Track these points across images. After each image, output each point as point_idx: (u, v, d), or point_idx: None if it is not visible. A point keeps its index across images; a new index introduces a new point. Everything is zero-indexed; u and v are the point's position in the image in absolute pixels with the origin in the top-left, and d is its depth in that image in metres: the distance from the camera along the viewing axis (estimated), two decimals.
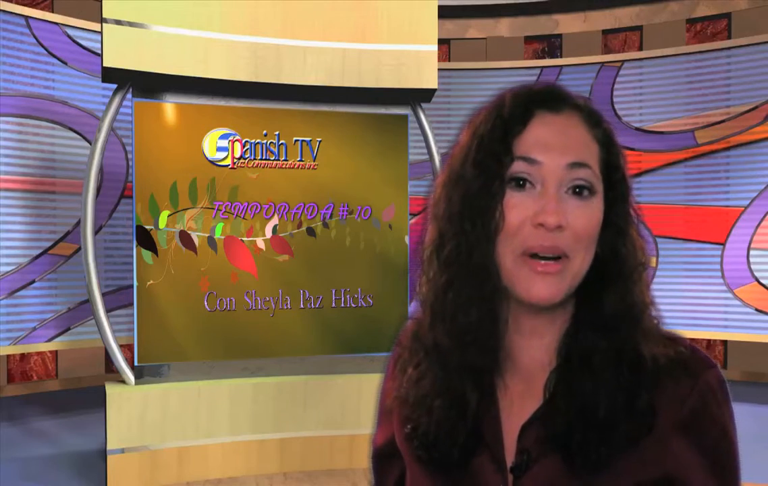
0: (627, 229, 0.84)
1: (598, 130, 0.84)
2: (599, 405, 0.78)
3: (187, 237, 4.40)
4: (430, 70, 4.66)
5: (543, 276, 0.79)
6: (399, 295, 4.69)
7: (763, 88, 5.63)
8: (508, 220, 0.80)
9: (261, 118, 4.57)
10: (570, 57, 6.45)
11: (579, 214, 0.80)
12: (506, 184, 0.81)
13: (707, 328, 5.76)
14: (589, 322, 0.82)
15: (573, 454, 0.78)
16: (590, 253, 0.81)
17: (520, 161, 0.81)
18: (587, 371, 0.80)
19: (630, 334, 0.81)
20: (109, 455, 4.11)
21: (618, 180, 0.84)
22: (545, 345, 0.85)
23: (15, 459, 4.55)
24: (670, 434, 0.79)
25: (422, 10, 4.66)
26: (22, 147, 5.01)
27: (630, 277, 0.83)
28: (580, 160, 0.81)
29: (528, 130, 0.82)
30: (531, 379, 0.85)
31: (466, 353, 0.84)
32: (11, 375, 5.53)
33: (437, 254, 0.86)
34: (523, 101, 0.84)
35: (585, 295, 0.84)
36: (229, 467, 4.36)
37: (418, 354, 0.88)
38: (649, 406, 0.78)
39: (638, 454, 0.78)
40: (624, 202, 0.84)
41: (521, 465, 0.81)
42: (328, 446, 4.47)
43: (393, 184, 4.76)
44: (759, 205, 5.62)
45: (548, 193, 0.79)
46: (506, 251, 0.81)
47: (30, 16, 5.08)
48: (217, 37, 4.36)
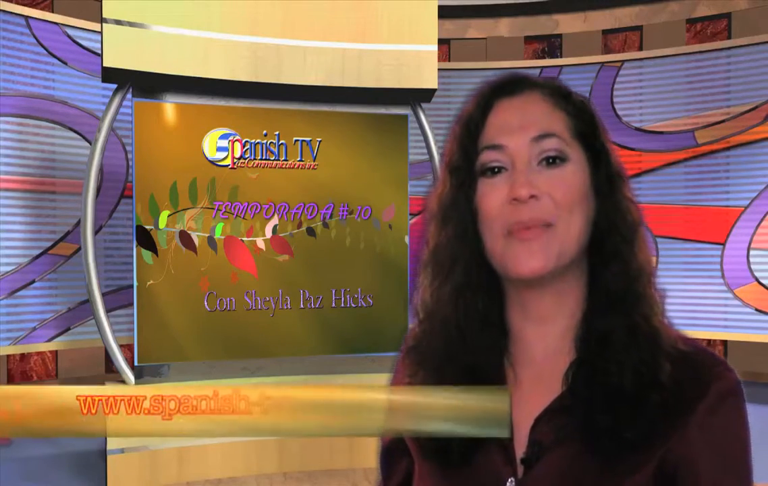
0: (613, 194, 0.84)
1: (565, 102, 0.84)
2: (624, 380, 0.77)
3: (187, 237, 4.40)
4: (430, 70, 4.66)
5: (528, 246, 0.79)
6: (399, 295, 4.69)
7: (763, 88, 5.62)
8: (485, 207, 0.82)
9: (261, 118, 4.57)
10: (570, 57, 6.45)
11: (554, 181, 0.80)
12: (479, 176, 0.83)
13: (707, 328, 5.76)
14: (600, 302, 0.82)
15: (599, 438, 0.77)
16: (577, 218, 0.81)
17: (486, 151, 0.83)
18: (607, 353, 0.79)
19: (638, 307, 0.81)
20: (109, 455, 4.11)
21: (597, 147, 0.84)
22: (559, 332, 0.84)
23: (15, 459, 4.55)
24: (687, 427, 0.78)
25: (422, 10, 4.66)
26: (22, 147, 5.01)
27: (626, 243, 0.83)
28: (544, 131, 0.81)
29: (489, 120, 0.84)
30: (544, 370, 0.84)
31: (461, 354, 0.84)
32: (11, 375, 5.53)
33: (425, 260, 0.88)
34: (483, 96, 0.86)
35: (592, 274, 0.84)
36: (229, 467, 4.36)
37: (413, 363, 0.89)
38: (672, 380, 0.78)
39: (656, 441, 0.77)
40: (606, 168, 0.84)
41: (532, 456, 0.81)
42: (327, 446, 4.47)
43: (393, 184, 4.76)
44: (759, 205, 5.62)
45: (517, 169, 0.81)
46: (492, 237, 0.82)
47: (30, 16, 5.07)
48: (217, 37, 4.36)
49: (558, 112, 0.83)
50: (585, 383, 0.80)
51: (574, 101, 0.85)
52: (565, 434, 0.79)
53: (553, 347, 0.84)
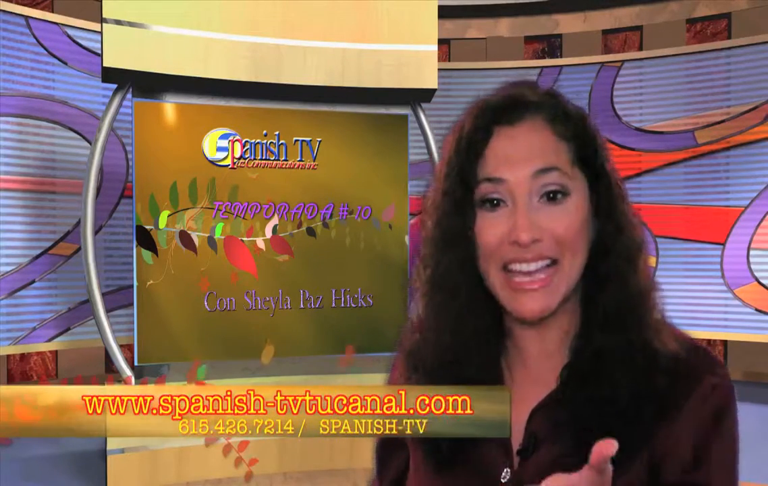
0: (614, 215, 0.83)
1: (565, 127, 0.82)
2: (616, 396, 0.77)
3: (187, 237, 4.40)
4: (430, 70, 4.66)
5: (529, 293, 0.79)
6: (399, 295, 4.69)
7: (763, 88, 5.62)
8: (484, 241, 0.81)
9: (261, 118, 4.57)
10: (570, 57, 6.45)
11: (555, 219, 0.79)
12: (477, 206, 0.82)
13: (707, 328, 5.76)
14: (595, 320, 0.82)
15: (588, 439, 0.77)
16: (579, 254, 0.81)
17: (486, 183, 0.81)
18: (600, 369, 0.79)
19: (636, 328, 0.80)
20: (109, 455, 4.10)
21: (599, 169, 0.83)
22: (555, 337, 0.85)
23: (15, 459, 4.55)
24: (679, 424, 0.78)
25: (422, 10, 4.65)
26: (22, 147, 5.01)
27: (626, 263, 0.82)
28: (545, 166, 0.80)
29: (489, 149, 0.81)
30: (540, 369, 0.85)
31: (457, 364, 0.84)
32: (11, 375, 5.53)
33: (422, 274, 0.88)
34: (481, 121, 0.83)
35: (587, 290, 0.83)
36: (229, 467, 4.36)
37: (408, 368, 0.89)
38: (665, 388, 0.78)
39: (648, 437, 0.78)
40: (607, 190, 0.83)
41: (528, 448, 0.81)
42: (328, 446, 4.47)
43: (393, 184, 4.76)
44: (759, 205, 5.62)
45: (518, 209, 0.79)
46: (490, 268, 0.81)
47: (30, 16, 5.07)
48: (217, 37, 4.36)
49: (560, 142, 0.82)
50: (578, 385, 0.80)
51: (575, 122, 0.83)
52: (560, 427, 0.79)
53: (547, 351, 0.85)
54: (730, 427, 0.80)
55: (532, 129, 0.82)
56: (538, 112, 0.83)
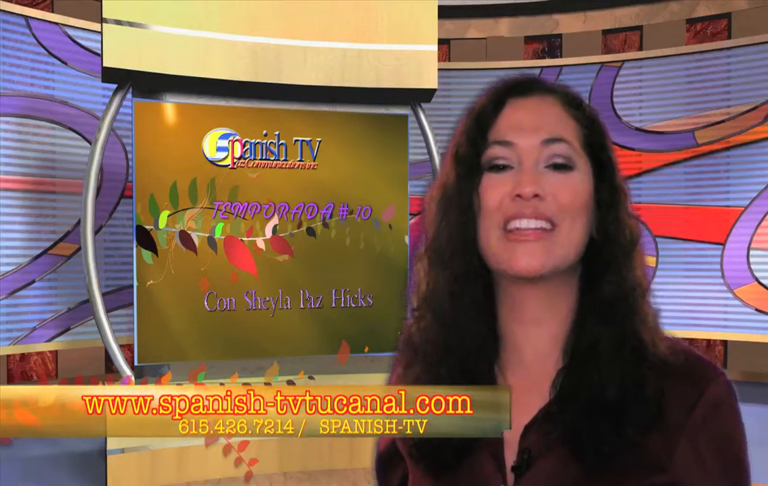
0: (614, 208, 0.83)
1: (577, 111, 0.84)
2: (608, 392, 0.77)
3: (187, 237, 4.40)
4: (430, 70, 4.66)
5: (525, 245, 0.79)
6: (399, 295, 4.69)
7: (763, 88, 5.63)
8: (486, 199, 0.81)
9: (261, 118, 4.57)
10: (570, 57, 6.45)
11: (560, 185, 0.80)
12: (484, 170, 0.83)
13: (707, 328, 5.76)
14: (591, 311, 0.82)
15: (583, 448, 0.77)
16: (578, 223, 0.81)
17: (495, 146, 0.82)
18: (594, 362, 0.79)
19: (629, 320, 0.81)
20: (109, 455, 4.11)
21: (604, 160, 0.84)
22: (549, 335, 0.84)
23: (15, 459, 4.55)
24: (677, 439, 0.77)
25: (422, 10, 4.66)
26: (22, 147, 5.01)
27: (624, 256, 0.82)
28: (554, 136, 0.81)
29: (501, 117, 0.84)
30: (535, 374, 0.84)
31: (454, 347, 0.84)
32: (11, 375, 5.53)
33: (424, 247, 0.88)
34: (496, 92, 0.86)
35: (585, 282, 0.83)
36: (229, 467, 4.36)
37: (408, 354, 0.89)
38: (658, 394, 0.77)
39: (644, 453, 0.77)
40: (611, 182, 0.84)
41: (522, 464, 0.81)
42: (327, 446, 4.47)
43: (393, 184, 4.76)
44: (759, 205, 5.62)
45: (524, 168, 0.80)
46: (489, 230, 0.81)
47: (30, 16, 5.08)
48: (217, 37, 4.36)
49: (570, 120, 0.83)
50: (571, 392, 0.80)
51: (585, 111, 0.85)
52: (554, 442, 0.79)
53: (543, 352, 0.84)
54: (738, 432, 0.79)
55: (545, 102, 0.84)
56: (551, 91, 0.86)
